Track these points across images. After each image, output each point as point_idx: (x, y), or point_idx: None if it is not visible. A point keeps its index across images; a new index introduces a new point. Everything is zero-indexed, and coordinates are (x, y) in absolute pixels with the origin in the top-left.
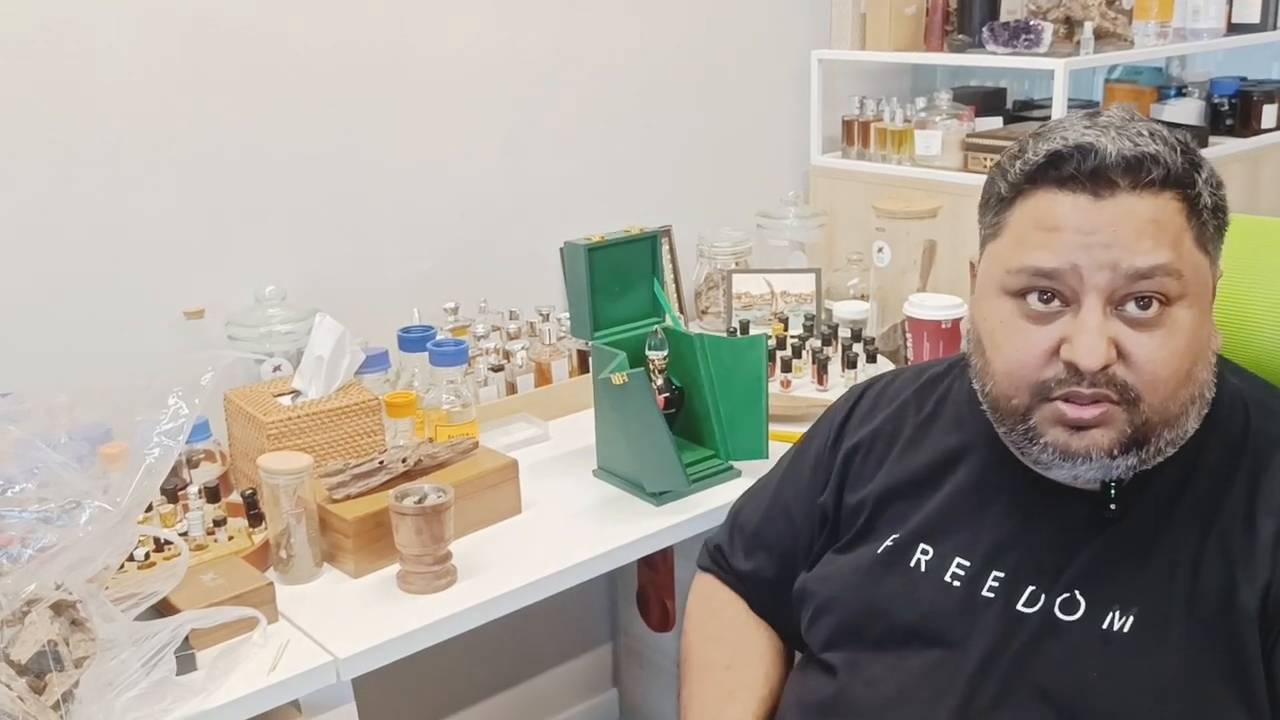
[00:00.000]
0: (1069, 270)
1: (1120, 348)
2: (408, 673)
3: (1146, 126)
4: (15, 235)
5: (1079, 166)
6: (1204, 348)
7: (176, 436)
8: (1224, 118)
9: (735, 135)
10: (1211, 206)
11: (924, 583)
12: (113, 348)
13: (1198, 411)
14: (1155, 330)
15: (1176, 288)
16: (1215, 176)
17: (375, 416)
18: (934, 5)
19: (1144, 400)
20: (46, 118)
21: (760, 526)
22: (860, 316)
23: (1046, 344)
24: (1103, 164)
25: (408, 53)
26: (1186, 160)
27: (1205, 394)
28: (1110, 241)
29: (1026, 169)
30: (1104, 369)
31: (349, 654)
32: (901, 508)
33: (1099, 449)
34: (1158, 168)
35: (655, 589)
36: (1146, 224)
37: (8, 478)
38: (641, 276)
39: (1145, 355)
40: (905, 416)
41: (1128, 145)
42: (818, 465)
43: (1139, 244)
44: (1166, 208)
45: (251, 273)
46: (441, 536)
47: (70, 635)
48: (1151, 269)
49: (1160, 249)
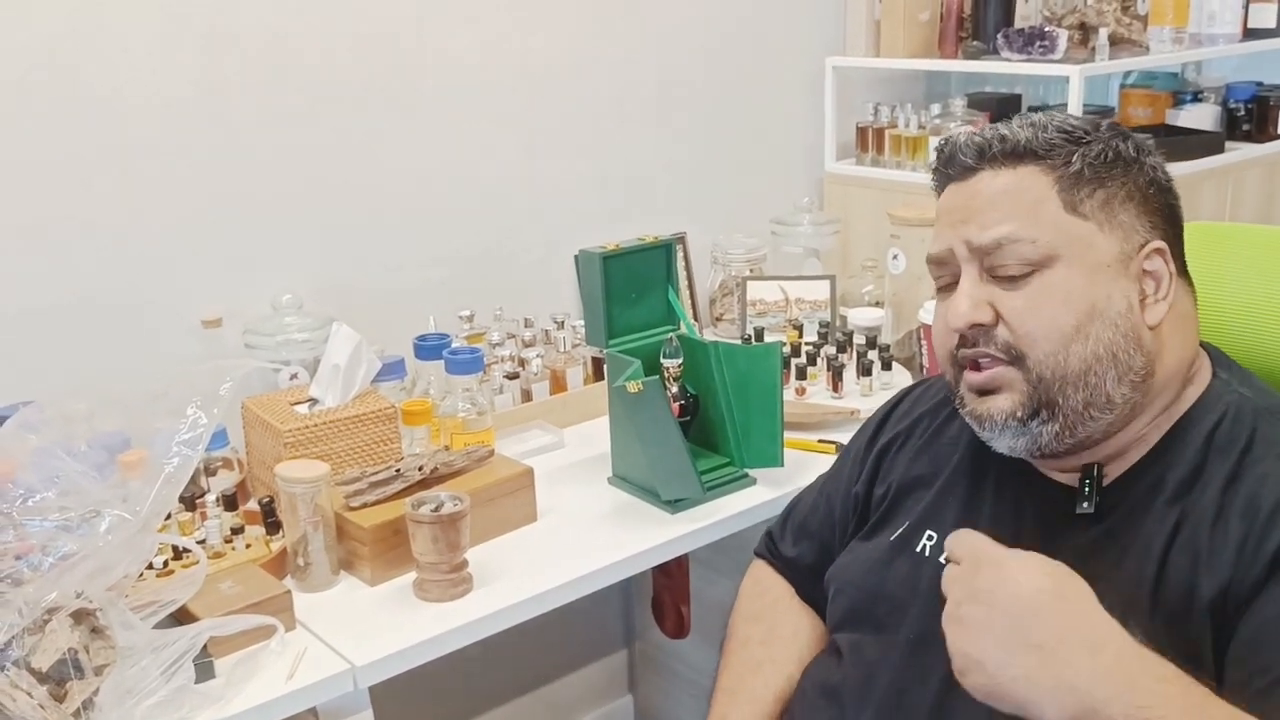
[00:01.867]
0: (946, 253)
1: (996, 309)
2: (424, 680)
3: (1028, 118)
4: (34, 244)
5: (942, 159)
6: (1100, 307)
7: (195, 446)
8: (1240, 123)
9: (749, 142)
10: (1089, 175)
11: (926, 566)
12: (131, 356)
13: (1119, 376)
14: (1023, 289)
15: (1033, 252)
16: (1113, 151)
17: (391, 424)
18: (948, 11)
19: (1027, 355)
20: (65, 126)
21: (806, 516)
22: (875, 323)
23: (945, 315)
24: (954, 151)
25: (424, 60)
26: (1061, 136)
27: (1122, 358)
28: (965, 217)
29: (931, 175)
30: (981, 328)
31: (366, 661)
32: (916, 497)
33: (1002, 412)
34: (1003, 144)
35: (671, 596)
36: (998, 195)
37: (28, 486)
38: (656, 284)
39: (1013, 310)
40: (937, 414)
41: (988, 133)
42: (856, 458)
43: (986, 216)
44: (1025, 179)
45: (268, 281)
46: (458, 544)
47: (90, 643)
48: (997, 240)
49: (1006, 220)
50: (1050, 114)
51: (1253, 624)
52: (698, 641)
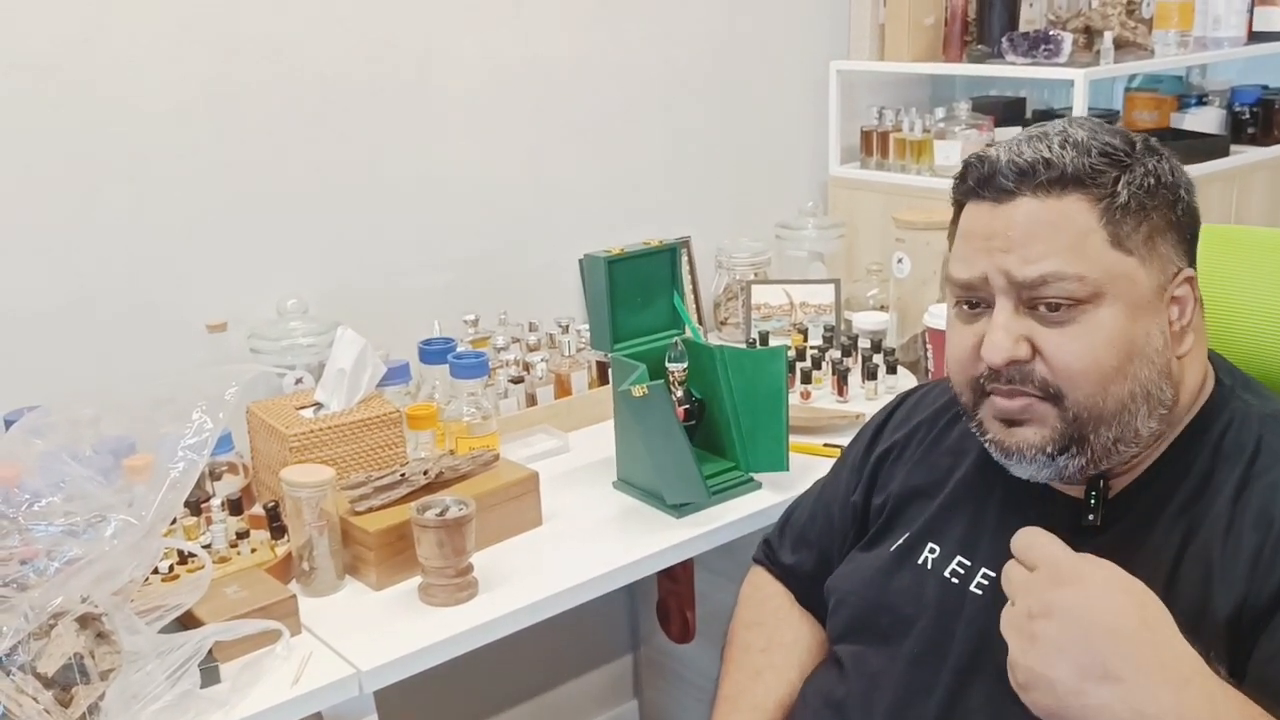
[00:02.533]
0: (979, 280)
1: (1035, 345)
2: (430, 684)
3: (1063, 134)
4: (41, 249)
5: (975, 175)
6: (1139, 345)
7: (201, 451)
8: (1245, 126)
9: (754, 146)
10: (1135, 206)
11: (929, 579)
12: (137, 361)
13: (1150, 411)
14: (1068, 327)
15: (1080, 289)
16: (1156, 176)
17: (396, 429)
18: (953, 16)
19: (1066, 395)
20: (73, 132)
21: (805, 524)
22: (880, 327)
23: (972, 340)
24: (993, 171)
25: (429, 66)
26: (1105, 161)
27: (1155, 393)
28: (1006, 247)
29: (955, 187)
30: (1015, 364)
31: (371, 666)
32: (917, 507)
33: (1031, 446)
34: (1049, 170)
35: (676, 600)
36: (1042, 227)
37: (34, 491)
38: (661, 288)
39: (1055, 350)
40: (936, 422)
41: (1028, 153)
42: (854, 467)
43: (1030, 249)
44: (1069, 210)
45: (273, 286)
46: (463, 549)
47: (96, 648)
48: (1042, 277)
49: (1052, 255)
50: (1088, 129)
51: (1276, 641)
52: (703, 646)
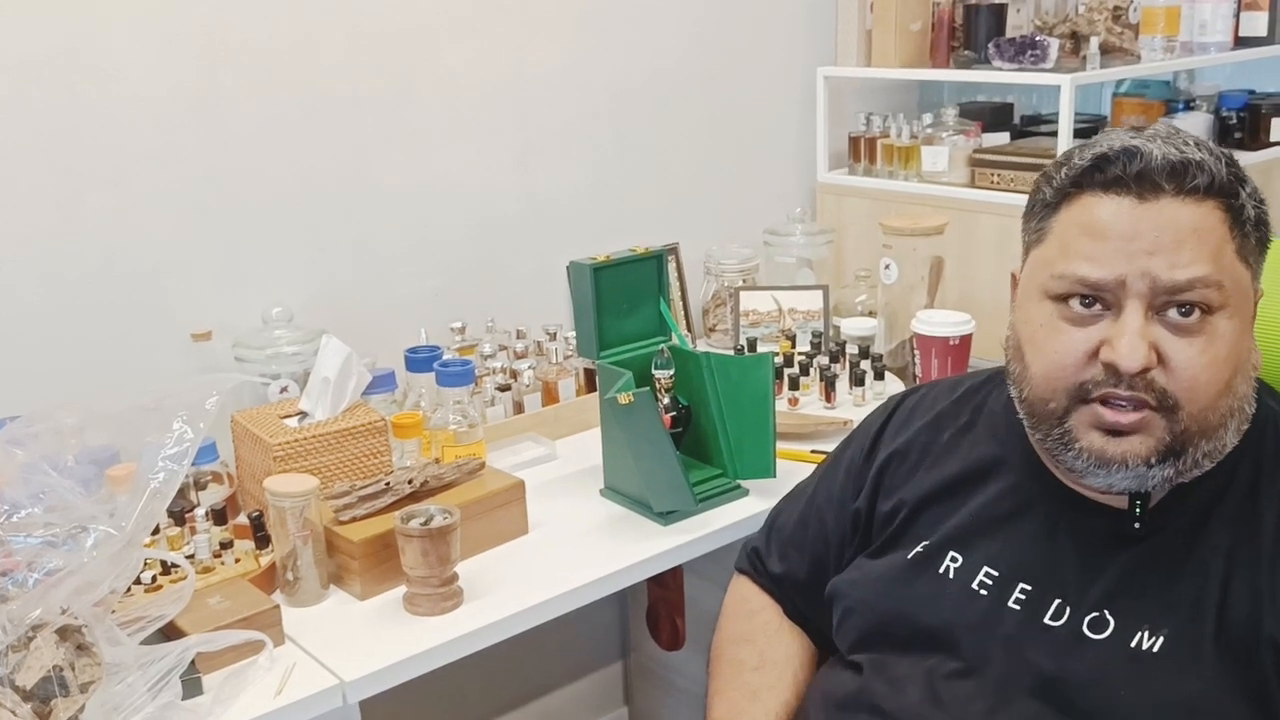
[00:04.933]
0: (1115, 281)
1: (1160, 353)
2: (415, 694)
3: (1192, 138)
4: (24, 256)
5: (1125, 169)
6: (1244, 360)
7: (181, 461)
8: (1232, 131)
9: (742, 153)
10: (1255, 219)
11: (951, 589)
12: (121, 370)
13: (1236, 426)
14: (1196, 337)
15: (1218, 298)
16: (1259, 192)
17: (382, 437)
18: (940, 21)
19: (1183, 408)
20: (56, 139)
21: (794, 530)
22: (868, 333)
23: (1086, 345)
24: (1148, 166)
25: (415, 73)
26: (1231, 171)
27: (1245, 409)
28: (1153, 248)
29: (1072, 173)
30: (1143, 372)
31: (355, 677)
32: (934, 515)
33: (1136, 456)
34: (1202, 174)
35: (665, 607)
36: (1189, 232)
37: (14, 502)
38: (648, 295)
39: (1185, 361)
40: (942, 426)
41: (1173, 151)
42: (851, 472)
43: (1179, 254)
44: (1210, 217)
45: (258, 294)
46: (448, 558)
47: (76, 660)
48: (1190, 281)
49: (1200, 260)
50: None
51: None
52: (693, 653)
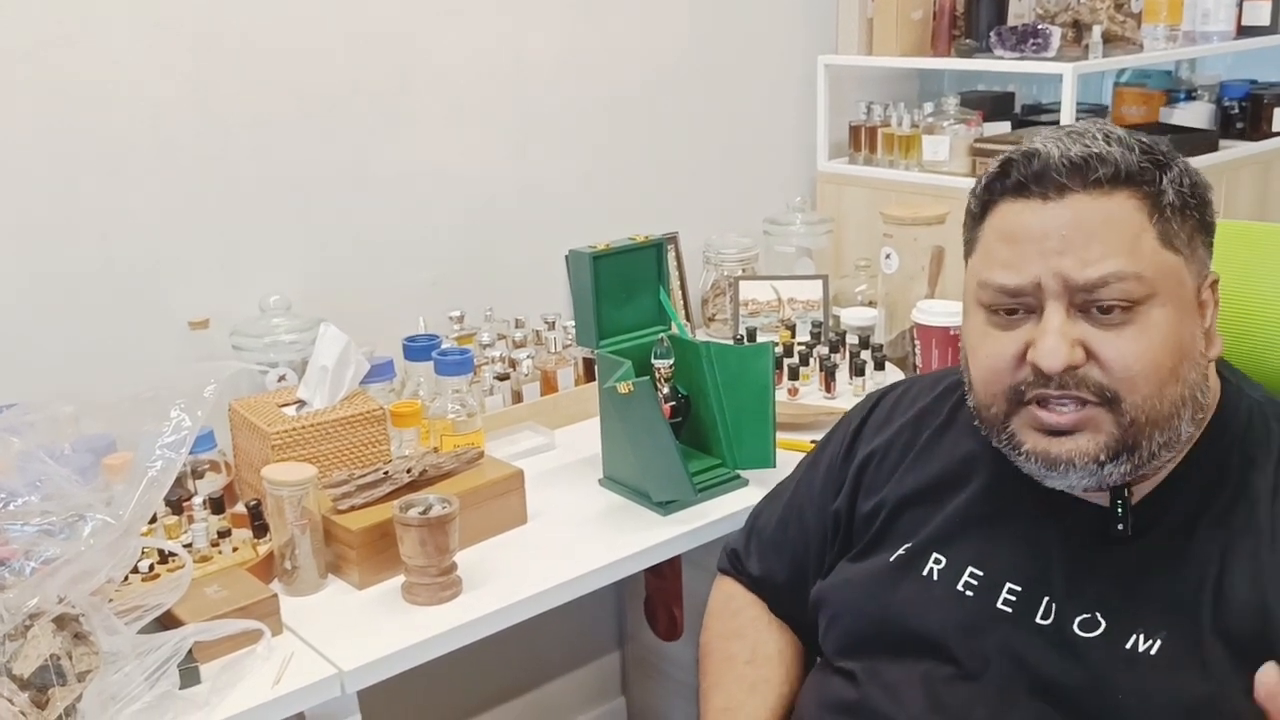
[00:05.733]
0: (1030, 285)
1: (1089, 349)
2: (414, 684)
3: (1104, 131)
4: (20, 245)
5: (1024, 171)
6: (1187, 347)
7: (179, 449)
8: (1234, 121)
9: (741, 141)
10: (1179, 204)
11: (936, 591)
12: (117, 358)
13: (1191, 415)
14: (1124, 329)
15: (1139, 290)
16: (1190, 177)
17: (380, 426)
18: (941, 10)
19: (1124, 399)
20: (52, 128)
21: (774, 532)
22: (868, 323)
23: (1014, 348)
24: (1046, 165)
25: (413, 60)
26: (1147, 159)
27: (1198, 396)
28: (1062, 248)
29: (985, 182)
30: (1072, 370)
31: (354, 666)
32: (915, 516)
33: (1084, 454)
34: (1104, 166)
35: (663, 597)
36: (1099, 226)
37: (10, 491)
38: (647, 284)
39: (1114, 354)
40: (921, 424)
41: (1076, 148)
42: (830, 472)
43: (1089, 250)
44: (1122, 207)
45: (256, 282)
46: (446, 548)
47: (73, 649)
48: (1104, 278)
49: (1111, 255)
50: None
51: None
52: (690, 643)
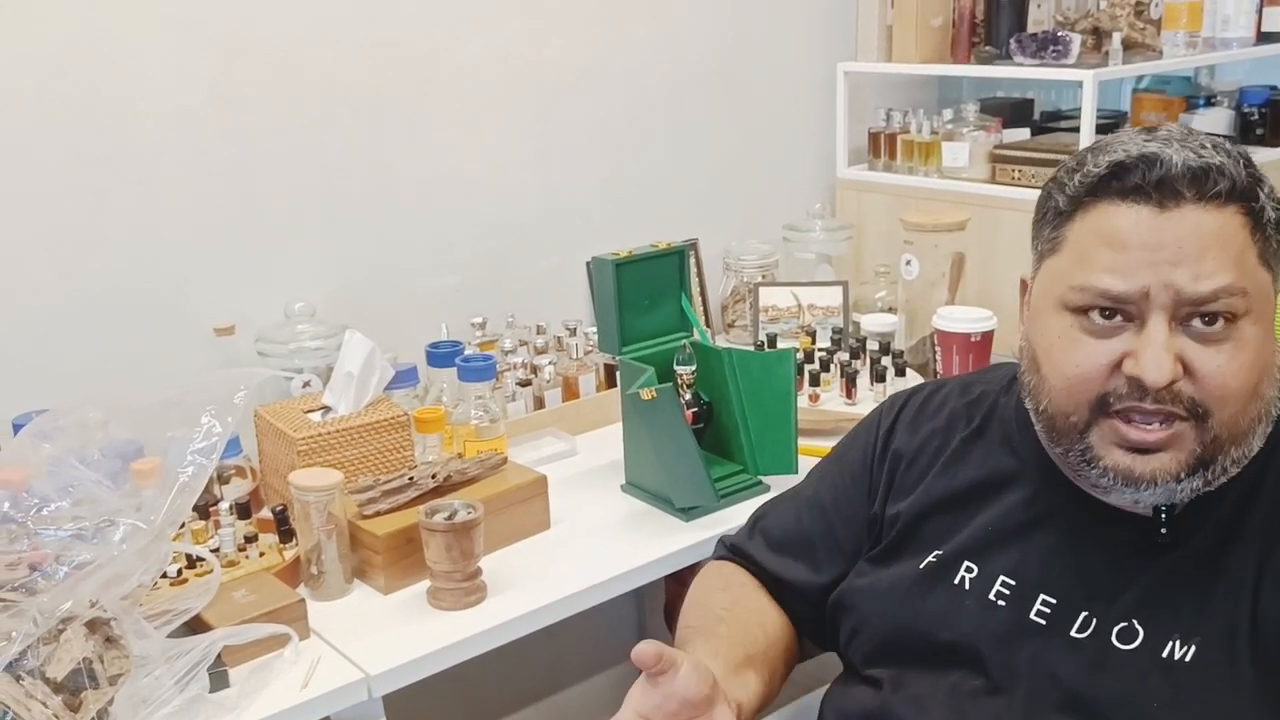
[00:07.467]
0: (1138, 293)
1: (1186, 363)
2: (438, 688)
3: (1209, 139)
4: (49, 252)
5: (1144, 176)
6: (1270, 364)
7: (210, 455)
8: (1254, 127)
9: (761, 148)
10: (1275, 221)
11: (969, 601)
12: (144, 364)
13: (1263, 430)
14: (1222, 345)
15: (1242, 305)
16: (1275, 191)
17: (405, 432)
18: (960, 17)
19: (1213, 416)
20: (81, 136)
21: (790, 530)
22: (888, 329)
23: (1108, 357)
24: (1169, 174)
25: (436, 68)
26: (1250, 173)
27: (1270, 412)
28: (1176, 259)
29: (1088, 181)
30: (1169, 385)
31: (380, 670)
32: (943, 523)
33: (1166, 473)
34: (1223, 179)
35: None
36: (1212, 240)
37: (43, 496)
38: (669, 291)
39: (1213, 370)
40: (953, 430)
41: (1192, 156)
42: (862, 472)
43: (1203, 264)
44: (1231, 222)
45: (281, 289)
46: (471, 553)
47: (105, 653)
48: (1215, 292)
49: (1224, 269)
50: (1211, 136)
51: None
52: None
